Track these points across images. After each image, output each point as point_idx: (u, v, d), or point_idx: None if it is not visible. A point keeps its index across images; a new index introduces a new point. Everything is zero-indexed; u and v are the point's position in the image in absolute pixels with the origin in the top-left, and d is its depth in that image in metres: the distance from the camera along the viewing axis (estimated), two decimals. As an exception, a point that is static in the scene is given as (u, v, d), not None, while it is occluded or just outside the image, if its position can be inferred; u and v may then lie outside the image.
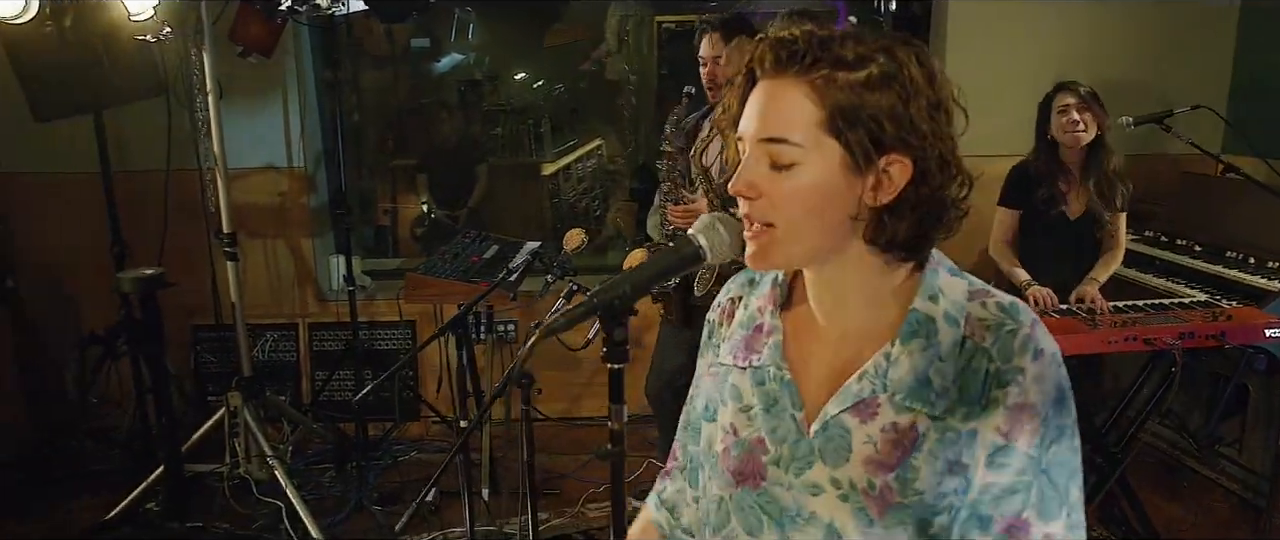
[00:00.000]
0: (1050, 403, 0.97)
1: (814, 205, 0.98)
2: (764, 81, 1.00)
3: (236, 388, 3.54)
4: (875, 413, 1.01)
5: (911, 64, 0.97)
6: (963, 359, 0.99)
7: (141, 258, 3.87)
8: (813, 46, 0.97)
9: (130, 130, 4.01)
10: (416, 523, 3.51)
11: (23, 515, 3.69)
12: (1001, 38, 4.29)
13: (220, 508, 3.54)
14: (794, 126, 0.96)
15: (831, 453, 1.03)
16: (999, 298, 1.03)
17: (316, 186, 4.54)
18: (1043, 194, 3.33)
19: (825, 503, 1.03)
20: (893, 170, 0.97)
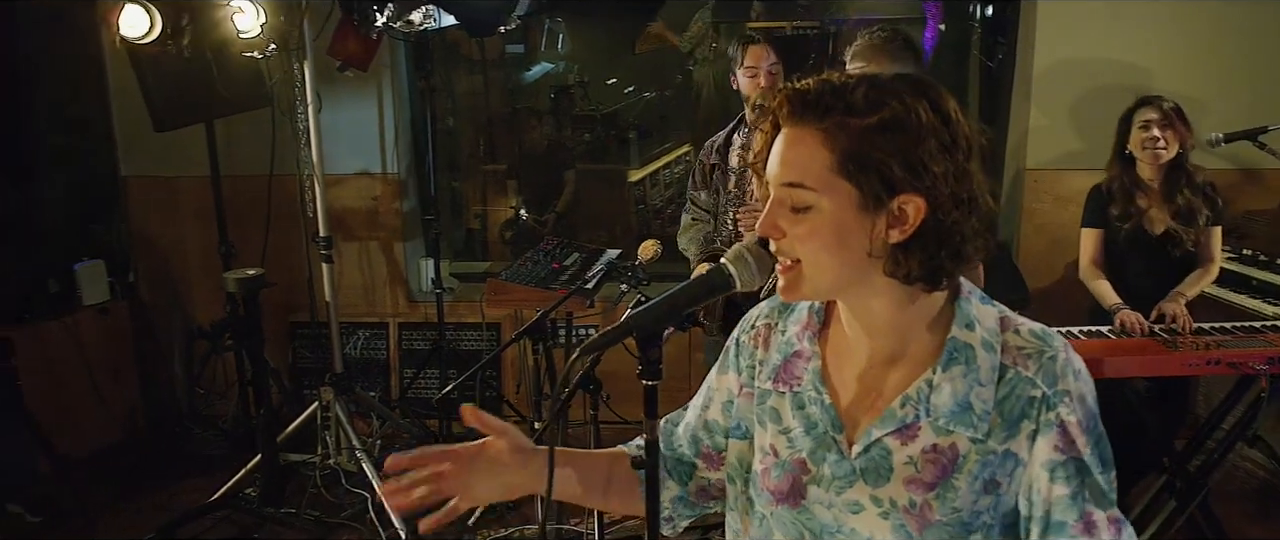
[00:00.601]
0: (1090, 414, 1.06)
1: (831, 243, 1.04)
2: (785, 129, 1.07)
3: (329, 384, 3.75)
4: (916, 435, 1.08)
5: (922, 108, 1.01)
6: (1004, 386, 1.06)
7: (246, 257, 4.13)
8: (825, 95, 1.03)
9: (238, 138, 4.27)
10: (493, 519, 3.65)
11: (134, 494, 3.98)
12: (1089, 47, 4.19)
13: (311, 496, 3.76)
14: (808, 171, 1.03)
15: (872, 473, 1.10)
16: (1030, 325, 1.10)
17: (408, 192, 4.74)
18: (1118, 211, 3.25)
19: (866, 520, 1.10)
20: (907, 209, 1.02)
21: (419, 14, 3.70)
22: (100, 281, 4.41)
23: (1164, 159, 3.17)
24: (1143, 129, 3.19)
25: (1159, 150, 3.15)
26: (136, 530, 3.61)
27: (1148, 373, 2.92)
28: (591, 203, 6.34)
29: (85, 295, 4.35)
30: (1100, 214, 3.34)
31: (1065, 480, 1.05)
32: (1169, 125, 3.14)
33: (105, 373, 4.40)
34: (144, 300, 4.71)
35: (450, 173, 5.99)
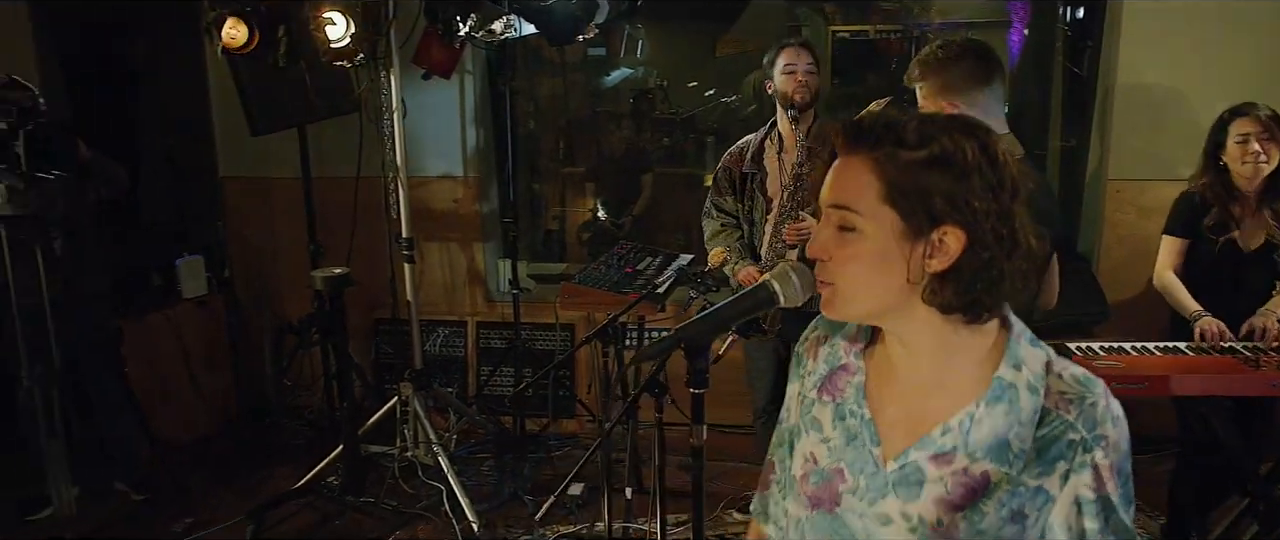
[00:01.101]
0: (1123, 457, 1.10)
1: (871, 266, 1.08)
2: (841, 157, 1.12)
3: (408, 379, 3.89)
4: (951, 460, 1.11)
5: (970, 147, 1.06)
6: (1044, 427, 1.08)
7: (333, 255, 4.32)
8: (878, 128, 1.08)
9: (327, 142, 4.45)
10: (564, 515, 3.75)
11: (227, 479, 4.20)
12: (1174, 55, 4.08)
13: (390, 487, 3.91)
14: (857, 196, 1.08)
15: (905, 489, 1.13)
16: (1074, 370, 1.12)
17: (488, 194, 4.88)
18: (1211, 222, 3.13)
19: (894, 532, 1.14)
20: (947, 239, 1.06)
21: (500, 24, 3.82)
22: (199, 276, 4.67)
23: (1265, 171, 3.00)
24: (1241, 142, 3.00)
25: (1260, 164, 2.98)
26: (229, 512, 3.82)
27: (1227, 392, 2.83)
28: (668, 206, 6.41)
29: (185, 289, 4.60)
30: (1189, 224, 3.21)
31: (1093, 516, 1.08)
32: (1269, 136, 2.98)
33: (202, 363, 4.65)
34: (238, 295, 4.96)
35: (530, 175, 6.13)
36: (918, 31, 6.01)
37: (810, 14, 6.35)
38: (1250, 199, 3.09)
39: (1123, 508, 1.09)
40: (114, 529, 3.73)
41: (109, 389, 3.92)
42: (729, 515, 3.79)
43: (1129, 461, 1.10)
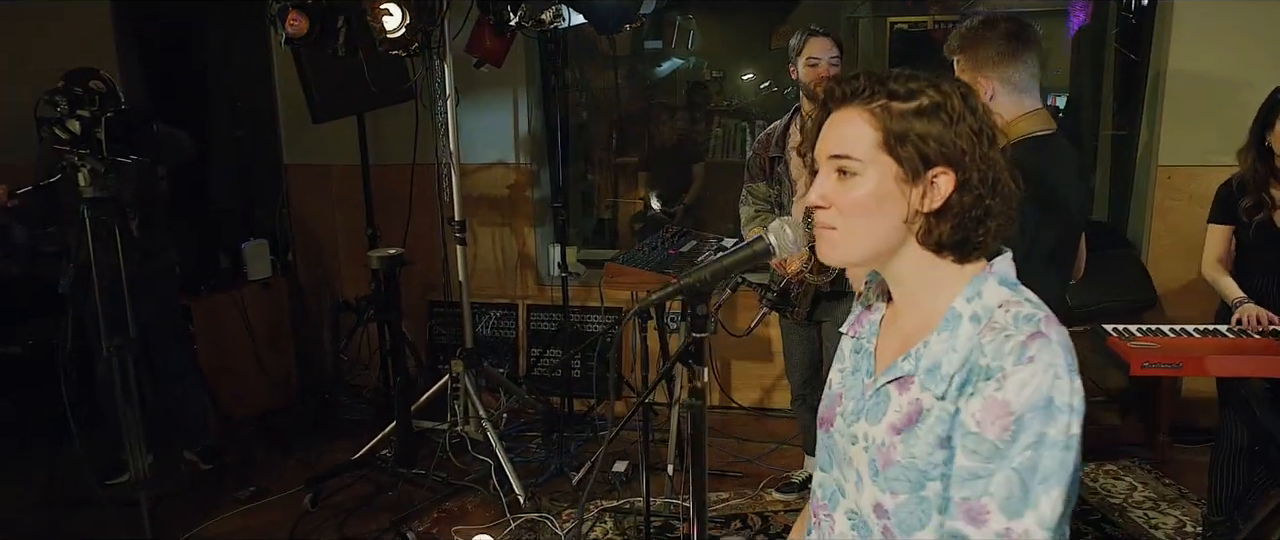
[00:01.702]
0: (1030, 408, 1.06)
1: (872, 209, 1.17)
2: (835, 112, 1.20)
3: (459, 357, 4.03)
4: (909, 387, 1.19)
5: (955, 97, 1.15)
6: (972, 355, 1.13)
7: (389, 239, 4.48)
8: (871, 83, 1.17)
9: (384, 130, 4.62)
10: (608, 491, 3.86)
11: (288, 451, 4.39)
12: (1229, 37, 4.03)
13: (440, 460, 4.05)
14: (857, 145, 1.17)
15: (872, 412, 1.23)
16: (1026, 310, 1.14)
17: (540, 181, 5.01)
18: (1250, 202, 3.10)
19: (858, 452, 1.24)
20: (939, 181, 1.15)
21: (549, 13, 3.93)
22: (263, 259, 4.88)
23: None
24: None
25: None
26: (289, 482, 4.01)
27: (1263, 373, 2.82)
28: (719, 195, 6.47)
29: (251, 271, 4.82)
30: (1229, 210, 3.19)
31: (969, 454, 1.10)
32: None
33: (266, 342, 4.86)
34: (300, 277, 5.18)
35: (584, 165, 6.26)
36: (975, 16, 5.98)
37: (867, 4, 6.34)
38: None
39: (1014, 467, 1.06)
40: (183, 495, 3.94)
41: (178, 364, 4.15)
42: (769, 494, 3.86)
43: (1049, 422, 1.06)
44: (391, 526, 3.57)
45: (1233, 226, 3.20)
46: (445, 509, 3.79)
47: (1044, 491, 1.06)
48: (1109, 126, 4.91)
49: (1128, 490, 3.86)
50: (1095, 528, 3.56)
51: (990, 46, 2.26)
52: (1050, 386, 1.07)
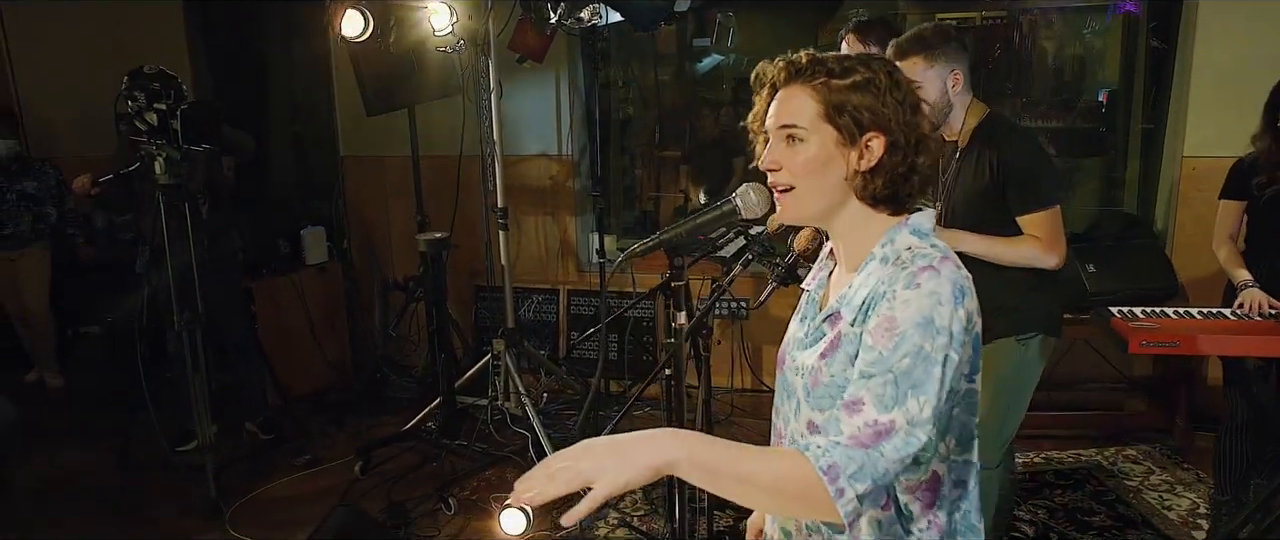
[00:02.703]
0: (913, 324, 1.24)
1: (818, 169, 1.36)
2: (781, 90, 1.40)
3: (500, 337, 4.28)
4: (837, 322, 1.39)
5: (882, 74, 1.35)
6: (877, 286, 1.33)
7: (438, 226, 4.73)
8: (811, 64, 1.36)
9: (433, 123, 4.88)
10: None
11: (340, 425, 4.69)
12: (1254, 28, 4.10)
13: (481, 433, 4.31)
14: (802, 116, 1.36)
15: (810, 345, 1.43)
16: (926, 251, 1.33)
17: (581, 172, 5.24)
18: (1263, 178, 3.16)
19: (797, 381, 1.44)
20: (872, 144, 1.35)
21: (587, 11, 4.14)
22: (320, 245, 5.18)
23: None
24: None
25: None
26: (341, 452, 4.30)
27: (1259, 353, 2.93)
28: (759, 189, 6.62)
29: (308, 256, 5.12)
30: (1241, 186, 3.25)
31: (861, 362, 1.28)
32: None
33: (322, 324, 5.16)
34: (354, 263, 5.47)
35: (628, 158, 6.46)
36: (1022, 17, 6.04)
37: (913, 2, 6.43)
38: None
39: (892, 369, 1.22)
40: (245, 461, 4.24)
41: (242, 341, 4.45)
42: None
43: (927, 338, 1.22)
44: (435, 492, 3.82)
45: (1244, 202, 3.28)
46: (485, 478, 4.04)
47: (913, 395, 1.22)
48: (1140, 121, 4.98)
49: (1145, 473, 3.96)
50: (1109, 508, 3.67)
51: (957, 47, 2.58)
52: (932, 309, 1.24)
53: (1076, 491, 3.81)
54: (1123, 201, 5.02)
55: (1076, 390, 4.52)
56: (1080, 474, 3.97)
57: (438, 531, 3.60)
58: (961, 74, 2.59)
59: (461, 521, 3.67)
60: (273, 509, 3.85)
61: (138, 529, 3.73)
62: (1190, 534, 3.46)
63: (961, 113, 2.64)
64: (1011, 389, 2.71)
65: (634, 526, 3.59)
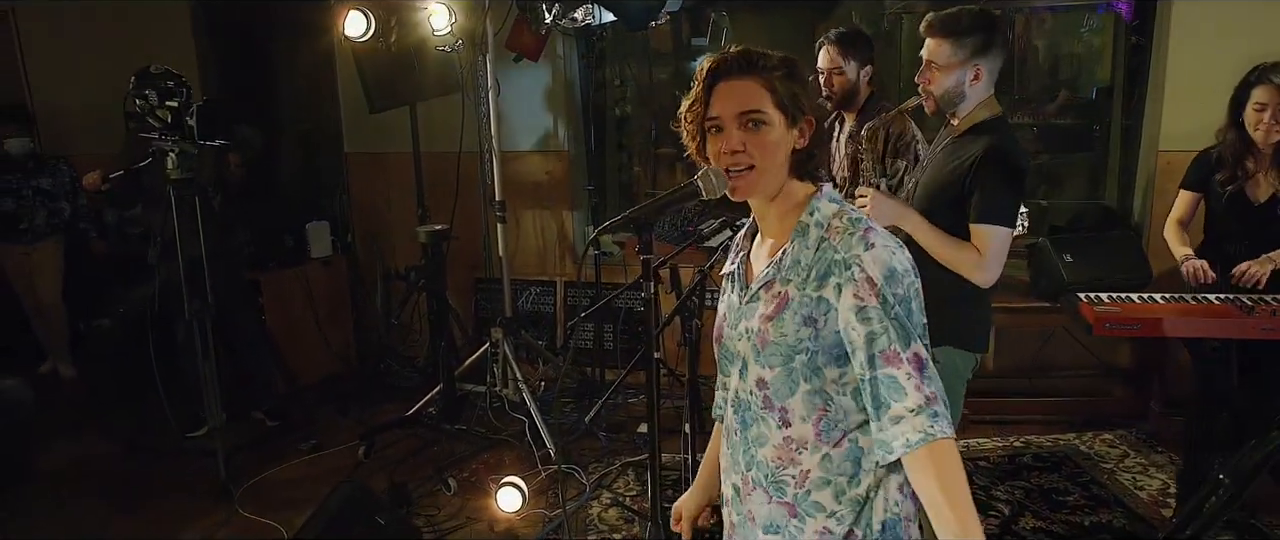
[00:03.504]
0: (883, 276, 1.46)
1: (774, 148, 1.54)
2: (731, 80, 1.55)
3: (499, 325, 4.43)
4: (772, 285, 1.56)
5: (797, 66, 1.57)
6: (821, 251, 1.52)
7: (438, 220, 4.89)
8: (759, 59, 1.55)
9: (434, 120, 5.03)
10: (634, 449, 4.22)
11: (346, 412, 4.86)
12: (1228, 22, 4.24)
13: (480, 418, 4.47)
14: (761, 103, 1.54)
15: (749, 311, 1.60)
16: (854, 216, 1.54)
17: (578, 168, 5.39)
18: (1224, 176, 3.31)
19: (742, 344, 1.60)
20: (805, 127, 1.57)
21: (581, 11, 4.30)
22: (325, 238, 5.34)
23: (1275, 139, 3.20)
24: (1259, 109, 3.18)
25: (1273, 132, 3.17)
26: (346, 437, 4.46)
27: (1218, 335, 3.07)
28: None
29: (313, 249, 5.29)
30: (1201, 179, 3.42)
31: (865, 321, 1.46)
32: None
33: (327, 315, 5.32)
34: (358, 256, 5.64)
35: (625, 156, 6.61)
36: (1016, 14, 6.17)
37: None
38: (1265, 156, 3.27)
39: (895, 315, 1.44)
40: (253, 447, 4.40)
41: (249, 332, 4.61)
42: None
43: (896, 283, 1.45)
44: (435, 474, 3.99)
45: (1200, 194, 3.45)
46: (483, 460, 4.20)
47: (914, 327, 1.47)
48: (1122, 116, 5.12)
49: (1119, 457, 4.11)
50: (1083, 488, 3.82)
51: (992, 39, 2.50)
52: (889, 258, 1.47)
53: (1052, 473, 3.96)
54: (1104, 195, 5.16)
55: (1056, 377, 4.67)
56: (1057, 457, 4.12)
57: (438, 510, 3.76)
58: (985, 72, 2.51)
59: (461, 501, 3.83)
60: (280, 490, 4.01)
61: (150, 510, 3.89)
62: (1159, 512, 3.61)
63: (971, 105, 2.55)
64: None
65: (626, 505, 3.74)
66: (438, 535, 3.57)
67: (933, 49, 2.53)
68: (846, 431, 1.54)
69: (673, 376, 4.89)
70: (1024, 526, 3.52)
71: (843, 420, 1.53)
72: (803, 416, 1.54)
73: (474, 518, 3.69)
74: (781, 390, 1.53)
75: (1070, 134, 5.41)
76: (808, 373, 1.51)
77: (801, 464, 1.55)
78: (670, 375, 4.98)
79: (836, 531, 1.55)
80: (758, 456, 1.61)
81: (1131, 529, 3.48)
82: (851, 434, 1.54)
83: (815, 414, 1.53)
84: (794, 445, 1.56)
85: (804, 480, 1.56)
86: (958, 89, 2.51)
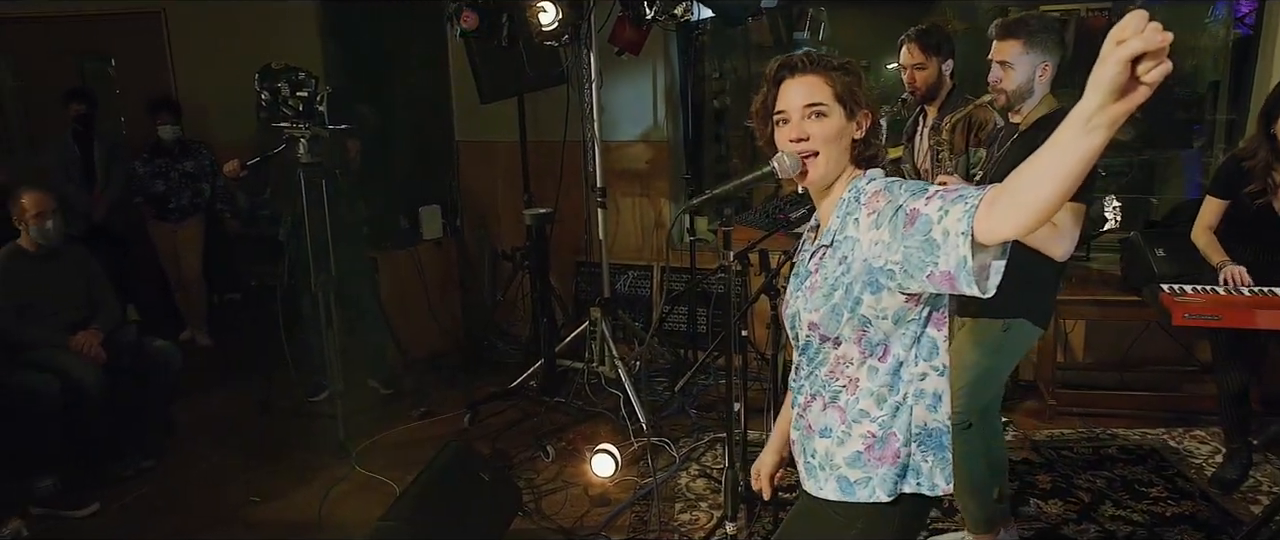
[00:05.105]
0: (884, 186, 1.69)
1: (835, 136, 1.73)
2: (796, 78, 1.75)
3: (597, 305, 4.67)
4: (823, 254, 1.76)
5: (854, 65, 1.75)
6: (849, 212, 1.72)
7: (542, 206, 5.16)
8: (817, 59, 1.74)
9: (540, 110, 5.31)
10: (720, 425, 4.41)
11: (453, 384, 5.19)
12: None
13: (577, 391, 4.74)
14: (824, 97, 1.73)
15: (804, 274, 1.81)
16: (877, 179, 1.74)
17: (677, 157, 5.60)
18: (1255, 188, 3.33)
19: (801, 298, 1.80)
20: (862, 119, 1.75)
21: (681, 7, 4.50)
22: (436, 222, 5.69)
23: None
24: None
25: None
26: (453, 406, 4.79)
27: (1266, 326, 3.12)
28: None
29: (425, 231, 5.63)
30: (1230, 187, 3.45)
31: (881, 217, 1.62)
32: None
33: (437, 293, 5.67)
34: (466, 239, 5.98)
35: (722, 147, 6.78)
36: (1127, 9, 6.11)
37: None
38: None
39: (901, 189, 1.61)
40: (368, 412, 4.75)
41: (367, 306, 4.97)
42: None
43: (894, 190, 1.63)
44: (535, 442, 4.26)
45: (1229, 201, 3.46)
46: (580, 430, 4.46)
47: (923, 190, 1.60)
48: (1227, 112, 5.06)
49: (1210, 453, 4.09)
50: (1168, 481, 3.83)
51: (1057, 41, 2.74)
52: (885, 183, 1.71)
53: (1137, 466, 3.98)
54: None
55: (1146, 372, 4.66)
56: (1144, 451, 4.13)
57: (536, 475, 4.03)
58: (1051, 67, 2.74)
59: (557, 467, 4.09)
60: (392, 451, 4.35)
61: (278, 463, 4.27)
62: (1249, 508, 3.60)
63: (1036, 102, 2.77)
64: (982, 366, 2.88)
65: (713, 477, 3.94)
66: (536, 495, 3.83)
67: (1004, 50, 2.75)
68: (887, 346, 1.72)
69: (760, 358, 5.07)
70: (1103, 513, 3.57)
71: (882, 338, 1.71)
72: (849, 338, 1.73)
73: (569, 482, 3.94)
74: (830, 324, 1.73)
75: (1173, 129, 5.36)
76: (849, 303, 1.69)
77: (851, 374, 1.76)
78: (758, 358, 5.16)
79: (879, 435, 1.75)
80: (818, 375, 1.81)
81: (1216, 522, 3.50)
82: (893, 349, 1.72)
83: (857, 333, 1.72)
84: (843, 361, 1.76)
85: (854, 388, 1.76)
86: (1027, 85, 2.73)
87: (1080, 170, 1.26)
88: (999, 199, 1.39)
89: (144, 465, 4.25)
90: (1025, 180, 1.34)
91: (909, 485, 1.77)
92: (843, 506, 1.80)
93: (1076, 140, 1.24)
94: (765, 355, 5.00)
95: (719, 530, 3.45)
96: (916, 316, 1.70)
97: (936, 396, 1.76)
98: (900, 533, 1.82)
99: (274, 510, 3.86)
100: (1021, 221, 1.37)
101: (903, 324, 1.70)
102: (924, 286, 1.56)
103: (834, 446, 1.80)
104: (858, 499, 1.78)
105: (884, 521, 1.79)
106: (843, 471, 1.79)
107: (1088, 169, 1.26)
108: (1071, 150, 1.25)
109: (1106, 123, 1.20)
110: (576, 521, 3.63)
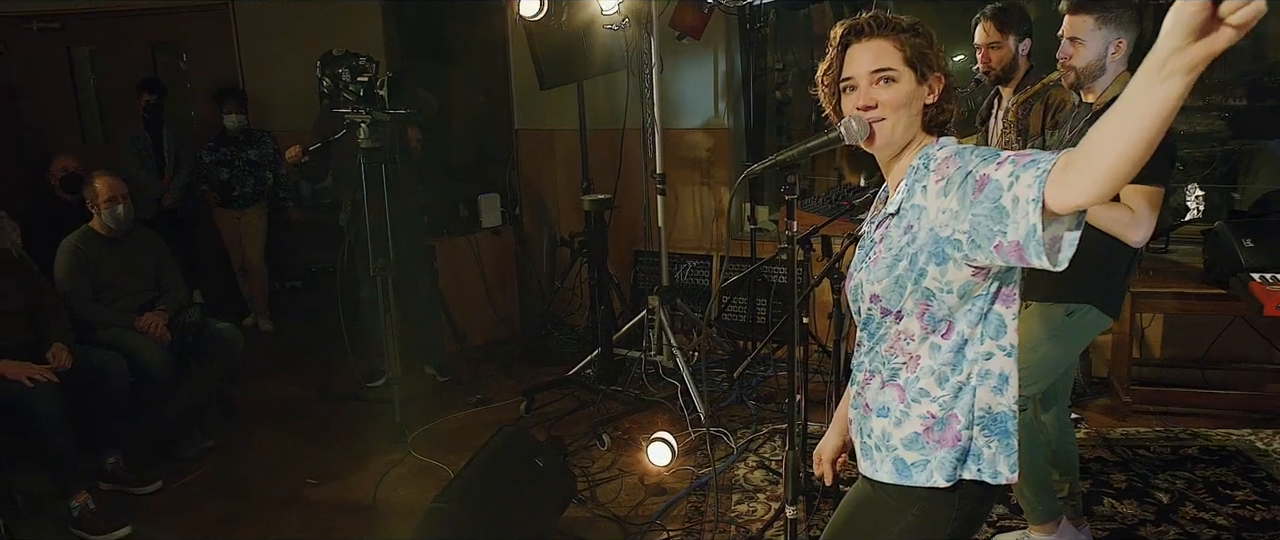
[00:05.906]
0: (955, 152, 1.59)
1: (904, 103, 1.65)
2: (863, 42, 1.66)
3: (656, 293, 4.61)
4: (887, 223, 1.69)
5: (928, 29, 1.65)
6: (918, 179, 1.63)
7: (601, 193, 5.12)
8: (886, 22, 1.65)
9: (599, 98, 5.26)
10: (779, 417, 4.32)
11: (510, 372, 5.17)
12: None
13: (634, 380, 4.68)
14: (892, 61, 1.64)
15: (870, 244, 1.74)
16: (950, 145, 1.65)
17: (737, 145, 5.51)
18: None
19: (865, 270, 1.72)
20: (934, 83, 1.66)
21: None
22: (495, 210, 5.68)
23: None
24: None
25: None
26: (509, 394, 4.77)
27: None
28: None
29: (484, 219, 5.62)
30: None
31: (951, 184, 1.53)
32: None
33: (495, 281, 5.66)
34: (525, 227, 5.96)
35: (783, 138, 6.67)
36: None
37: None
38: None
39: (971, 155, 1.53)
40: (425, 398, 4.76)
41: (425, 292, 4.97)
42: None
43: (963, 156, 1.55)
44: (590, 430, 4.21)
45: None
46: (636, 420, 4.40)
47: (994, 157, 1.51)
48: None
49: (1300, 454, 3.88)
50: (1256, 483, 3.64)
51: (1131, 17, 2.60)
52: (954, 149, 1.61)
53: (1221, 467, 3.79)
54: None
55: (1229, 369, 4.44)
56: (1228, 452, 3.93)
57: (592, 463, 3.98)
58: (1126, 44, 2.59)
59: (613, 455, 4.04)
60: (448, 436, 4.34)
61: (336, 446, 4.30)
62: (1344, 514, 3.41)
63: (1109, 80, 2.63)
64: (1041, 352, 2.75)
65: (772, 469, 3.85)
66: (590, 484, 3.78)
67: (1076, 25, 2.61)
68: (952, 323, 1.63)
69: (822, 350, 4.96)
70: (1184, 516, 3.39)
71: (946, 313, 1.62)
72: (911, 312, 1.64)
73: (625, 472, 3.88)
74: (892, 297, 1.65)
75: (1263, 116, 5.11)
76: (913, 275, 1.61)
77: (912, 351, 1.67)
78: (820, 350, 5.05)
79: (939, 416, 1.65)
80: (878, 351, 1.73)
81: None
82: (957, 326, 1.63)
83: (920, 307, 1.63)
84: (904, 337, 1.67)
85: (914, 366, 1.67)
86: (1099, 62, 2.60)
87: (1155, 125, 1.16)
88: (1072, 164, 1.31)
89: (206, 445, 4.31)
90: (1097, 142, 1.24)
91: (969, 471, 1.67)
92: (898, 490, 1.71)
93: (1150, 89, 1.14)
94: (827, 347, 4.90)
95: (778, 519, 3.36)
96: (984, 291, 1.61)
97: (1003, 378, 1.66)
98: (959, 522, 1.71)
99: (330, 492, 3.88)
100: (1094, 188, 1.28)
101: (968, 299, 1.61)
102: (992, 258, 1.47)
103: (891, 426, 1.71)
104: (914, 483, 1.69)
105: (941, 508, 1.69)
106: (899, 453, 1.70)
107: (1165, 124, 1.16)
108: (1144, 102, 1.15)
109: (1183, 67, 1.09)
110: (631, 510, 3.57)
